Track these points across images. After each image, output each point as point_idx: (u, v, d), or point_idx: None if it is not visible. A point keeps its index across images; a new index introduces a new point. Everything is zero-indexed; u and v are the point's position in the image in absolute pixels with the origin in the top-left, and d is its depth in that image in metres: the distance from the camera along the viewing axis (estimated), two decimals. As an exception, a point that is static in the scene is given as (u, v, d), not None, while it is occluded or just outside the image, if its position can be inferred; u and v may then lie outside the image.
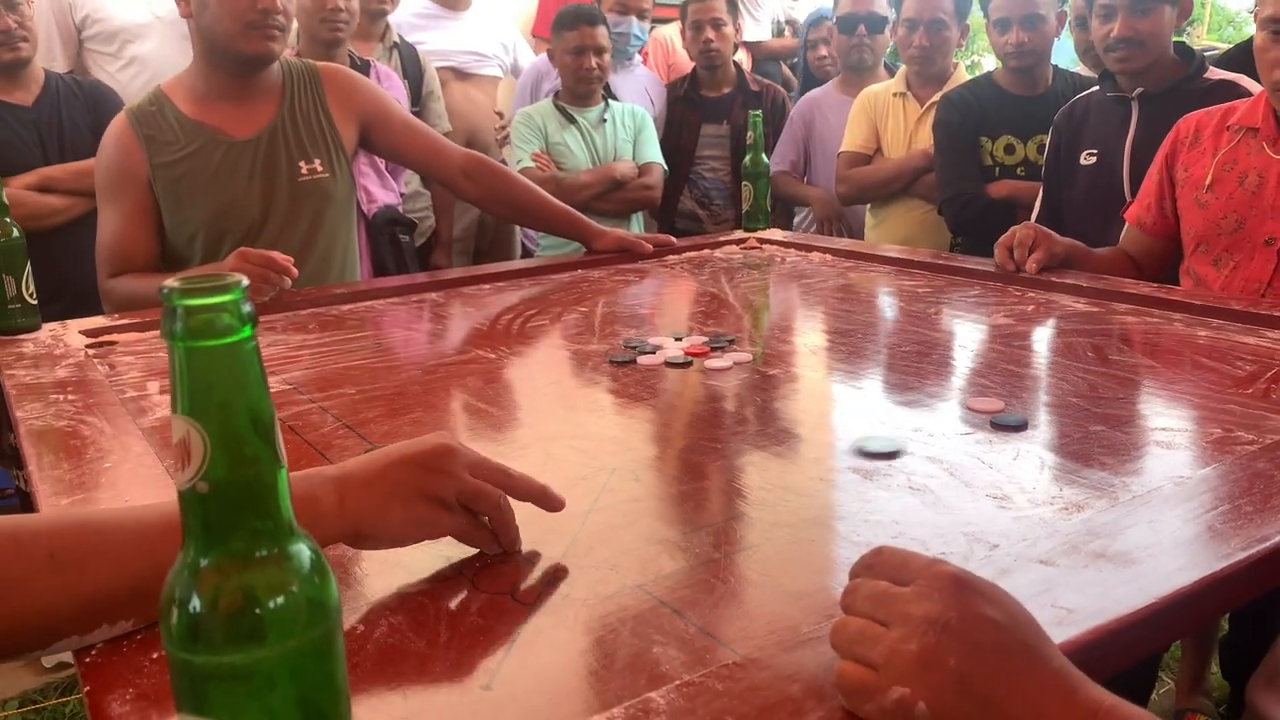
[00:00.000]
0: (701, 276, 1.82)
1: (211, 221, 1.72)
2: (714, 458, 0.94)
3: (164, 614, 0.36)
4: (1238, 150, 1.58)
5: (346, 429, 1.04)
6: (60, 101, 2.33)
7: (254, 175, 1.73)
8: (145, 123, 1.71)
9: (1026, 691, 0.50)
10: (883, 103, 2.67)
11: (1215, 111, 1.66)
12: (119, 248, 1.70)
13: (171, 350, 0.35)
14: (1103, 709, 0.49)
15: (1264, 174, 1.53)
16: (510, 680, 0.59)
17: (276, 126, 1.76)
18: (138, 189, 1.70)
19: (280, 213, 1.75)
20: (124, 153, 1.70)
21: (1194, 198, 1.62)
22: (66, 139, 2.31)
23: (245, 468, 0.35)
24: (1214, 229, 1.58)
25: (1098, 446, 0.93)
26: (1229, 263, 1.58)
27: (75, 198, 2.25)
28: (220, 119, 1.73)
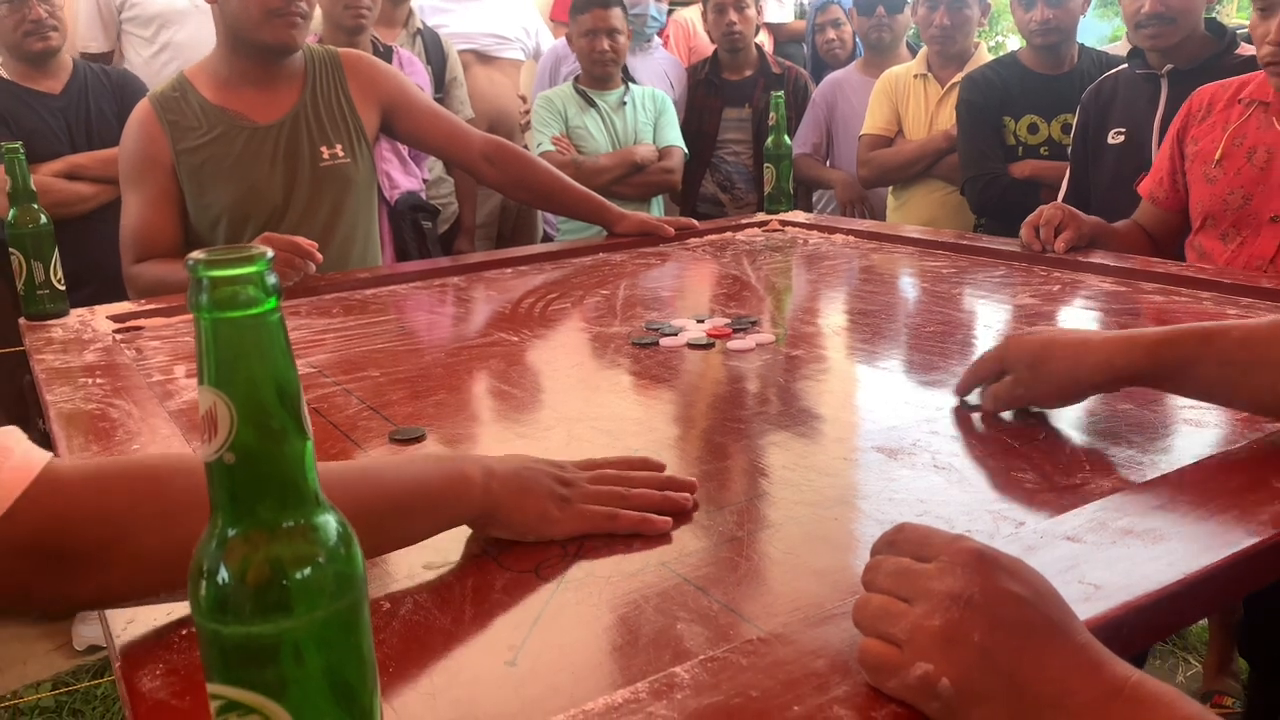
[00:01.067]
0: (723, 259, 1.81)
1: (234, 207, 1.73)
2: (736, 438, 0.94)
3: (192, 585, 0.37)
4: (1247, 125, 1.57)
5: (371, 411, 1.04)
6: (88, 90, 2.35)
7: (276, 161, 1.74)
8: (169, 108, 1.72)
9: (1050, 666, 0.49)
10: (904, 84, 2.64)
11: (1230, 84, 1.64)
12: (143, 233, 1.71)
13: (197, 321, 0.35)
14: (1129, 684, 0.48)
15: (1272, 150, 1.53)
16: (534, 656, 0.59)
17: (299, 112, 1.77)
18: (162, 174, 1.71)
19: (302, 198, 1.76)
20: (148, 138, 1.71)
21: (1203, 172, 1.62)
22: (94, 127, 2.33)
23: (271, 439, 0.36)
24: (1221, 204, 1.58)
25: (1125, 425, 0.92)
26: (1235, 238, 1.57)
27: (102, 185, 2.27)
28: (243, 105, 1.74)
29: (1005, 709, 0.49)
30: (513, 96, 3.11)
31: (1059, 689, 0.49)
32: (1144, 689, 0.48)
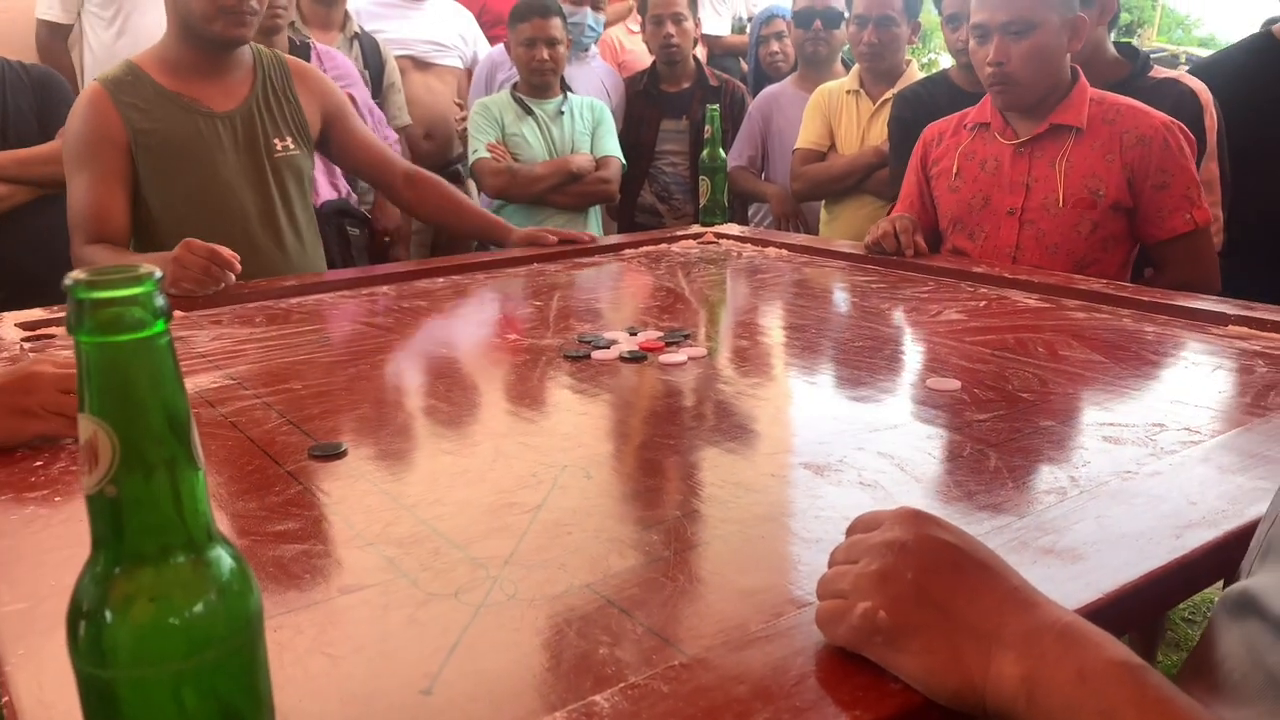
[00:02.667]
0: (658, 271, 1.80)
1: (196, 191, 1.74)
2: (667, 454, 0.93)
3: (70, 627, 0.34)
4: (975, 143, 1.84)
5: (291, 425, 1.01)
6: (6, 88, 2.25)
7: (236, 147, 1.77)
8: (122, 90, 1.71)
9: (984, 601, 0.53)
10: (836, 100, 2.67)
11: (952, 118, 1.92)
12: (92, 212, 1.67)
13: (77, 345, 0.33)
14: (1061, 622, 0.51)
15: (999, 158, 1.78)
16: (451, 684, 0.58)
17: (252, 103, 1.80)
18: (115, 154, 1.69)
19: (261, 185, 1.80)
20: (101, 118, 1.68)
21: (946, 186, 1.87)
22: (10, 126, 2.24)
23: (158, 470, 0.34)
24: (966, 208, 1.82)
25: (1046, 442, 0.93)
26: (981, 235, 1.80)
27: (15, 186, 2.18)
28: (197, 92, 1.75)
29: (942, 639, 0.52)
30: (449, 103, 3.08)
31: (994, 622, 0.52)
32: (1077, 627, 0.51)
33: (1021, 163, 1.74)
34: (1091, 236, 1.69)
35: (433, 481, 0.88)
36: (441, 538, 0.76)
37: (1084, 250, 1.69)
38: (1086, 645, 0.49)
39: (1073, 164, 1.69)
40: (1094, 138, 1.69)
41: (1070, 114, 1.70)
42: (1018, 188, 1.75)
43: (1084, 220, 1.68)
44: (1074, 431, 0.96)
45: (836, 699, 0.53)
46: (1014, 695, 0.50)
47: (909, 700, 0.53)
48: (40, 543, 0.75)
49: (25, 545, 0.74)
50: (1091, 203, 1.67)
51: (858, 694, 0.53)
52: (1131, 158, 1.65)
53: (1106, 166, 1.67)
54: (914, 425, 0.98)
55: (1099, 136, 1.68)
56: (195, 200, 1.74)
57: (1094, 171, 1.67)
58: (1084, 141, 1.69)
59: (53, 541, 0.75)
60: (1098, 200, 1.67)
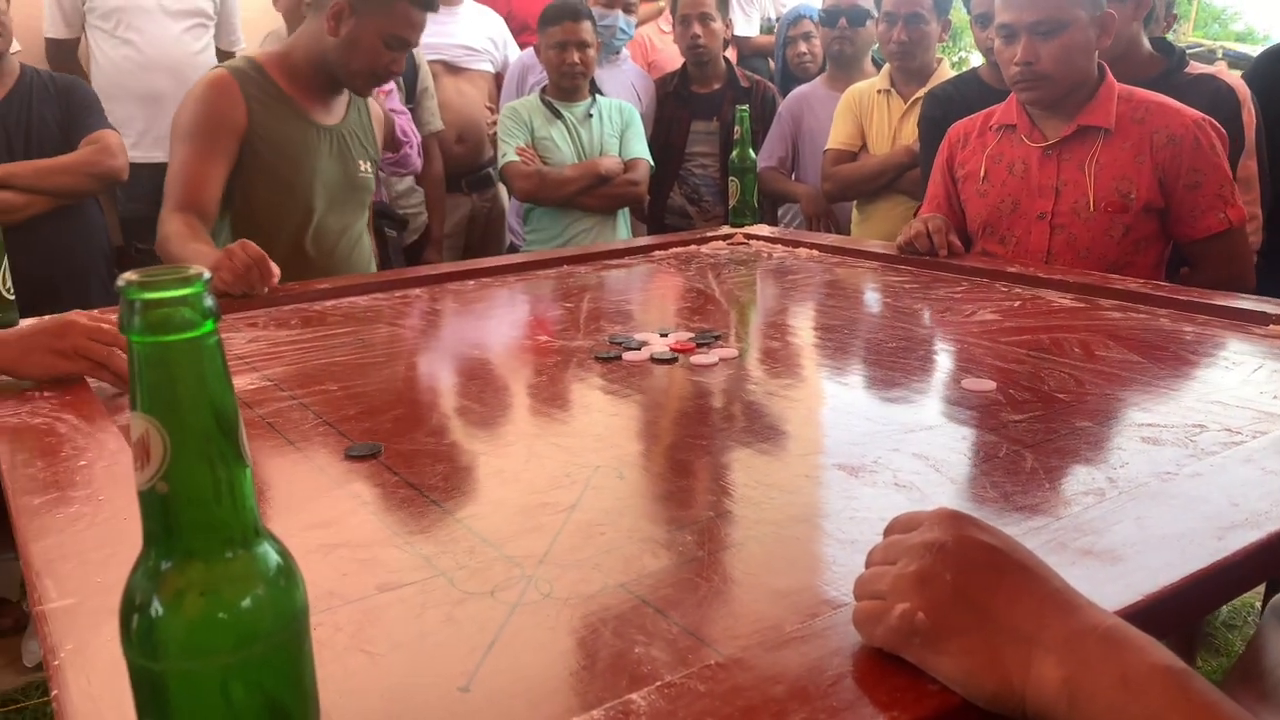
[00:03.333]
0: (688, 272, 1.81)
1: (289, 191, 1.84)
2: (699, 455, 0.93)
3: (123, 619, 0.35)
4: (1002, 145, 1.81)
5: (327, 426, 1.02)
6: (32, 97, 2.28)
7: (332, 161, 1.90)
8: (248, 82, 1.81)
9: (1025, 603, 0.52)
10: (867, 99, 2.66)
11: (978, 117, 1.89)
12: (191, 178, 1.75)
13: (130, 344, 0.33)
14: (1104, 626, 0.50)
15: (1027, 160, 1.76)
16: (488, 682, 0.58)
17: (347, 125, 1.94)
18: (230, 137, 1.77)
19: (343, 199, 1.93)
20: (229, 103, 1.77)
21: (974, 189, 1.84)
22: (33, 135, 2.27)
23: (207, 467, 0.34)
24: (995, 212, 1.80)
25: (1084, 443, 0.92)
26: (1011, 239, 1.78)
27: (33, 195, 2.21)
28: (307, 103, 1.87)
29: (981, 641, 0.51)
30: (481, 107, 3.09)
31: (1034, 624, 0.51)
32: (1120, 631, 0.50)
33: (1050, 166, 1.72)
34: (1124, 240, 1.67)
35: (467, 482, 0.88)
36: (477, 537, 0.76)
37: (1116, 254, 1.67)
38: (1130, 649, 0.49)
39: (1102, 166, 1.67)
40: (1123, 138, 1.67)
41: (1098, 114, 1.68)
42: (1047, 191, 1.73)
43: (1115, 224, 1.66)
44: (1111, 432, 0.95)
45: (874, 699, 0.53)
46: (1055, 699, 0.49)
47: (947, 701, 0.52)
48: (84, 541, 0.76)
49: (70, 543, 0.75)
50: (1123, 206, 1.65)
51: (895, 695, 0.53)
52: (1162, 158, 1.63)
53: (1137, 168, 1.65)
54: (949, 426, 0.98)
55: (1128, 137, 1.66)
56: (291, 196, 1.85)
57: (1124, 173, 1.65)
58: (1113, 142, 1.67)
59: (96, 540, 0.76)
60: (1129, 203, 1.65)
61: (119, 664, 0.58)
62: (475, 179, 3.07)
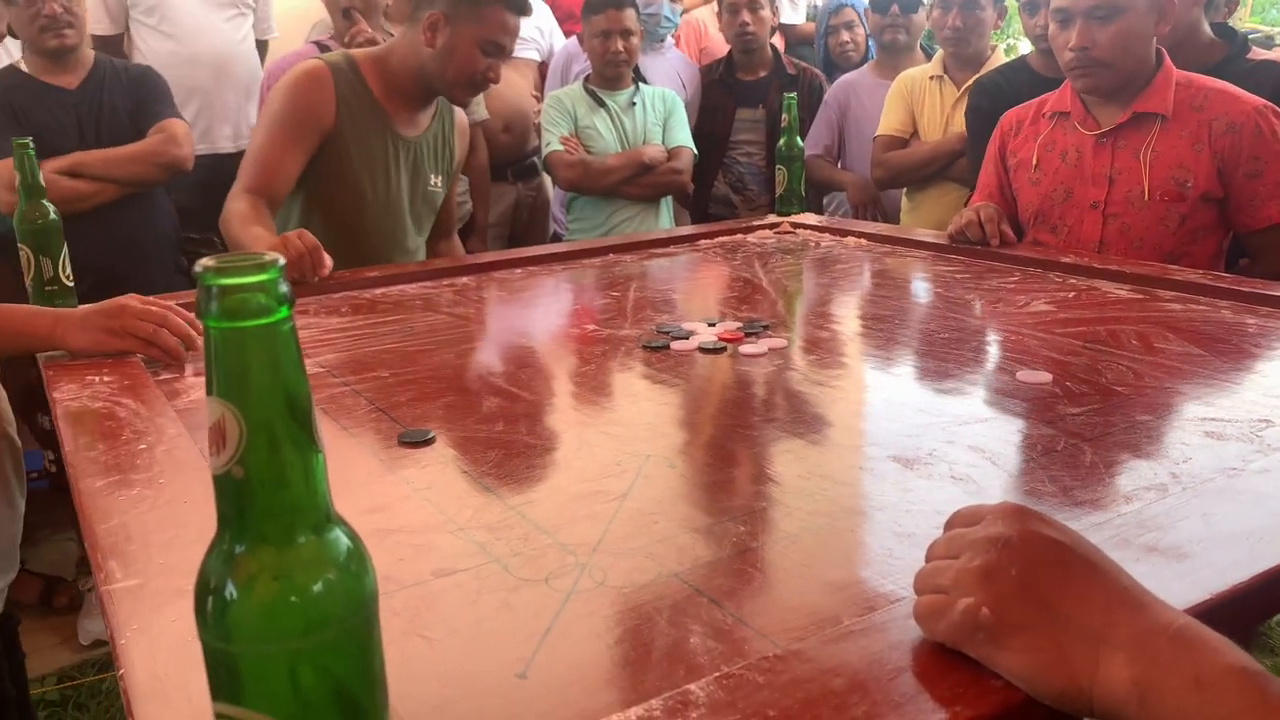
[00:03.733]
0: (734, 261, 1.80)
1: (359, 195, 1.84)
2: (749, 445, 0.93)
3: (198, 601, 0.36)
4: (1055, 133, 1.78)
5: (379, 412, 1.03)
6: (104, 87, 2.33)
7: (404, 172, 1.89)
8: (343, 81, 1.81)
9: (1094, 600, 0.51)
10: (919, 86, 2.62)
11: (1030, 105, 1.85)
12: (266, 163, 1.76)
13: (206, 330, 0.34)
14: (1175, 625, 0.49)
15: (1080, 148, 1.73)
16: (545, 668, 0.58)
17: (426, 138, 1.93)
18: (314, 133, 1.78)
19: (410, 210, 1.93)
20: (322, 97, 1.78)
21: (1027, 178, 1.81)
22: (104, 124, 2.31)
23: (282, 452, 0.35)
24: (1048, 201, 1.77)
25: (1144, 437, 0.90)
26: (1063, 228, 1.75)
27: (103, 184, 2.25)
28: (394, 111, 1.86)
29: (1048, 638, 0.51)
30: (527, 96, 3.10)
31: (1103, 622, 0.50)
32: (1191, 630, 0.49)
33: (1104, 154, 1.69)
34: (1180, 229, 1.63)
35: (519, 469, 0.89)
36: (530, 524, 0.76)
37: (1172, 244, 1.63)
38: (1203, 649, 0.48)
39: (1158, 154, 1.63)
40: (1181, 125, 1.62)
41: (1154, 101, 1.64)
42: (1100, 180, 1.69)
43: (1171, 213, 1.62)
44: (1173, 426, 0.93)
45: (935, 694, 0.52)
46: (1124, 699, 0.48)
47: (1010, 698, 0.52)
48: (146, 523, 0.78)
49: (133, 525, 0.77)
50: (1179, 194, 1.61)
51: (957, 690, 0.52)
52: (1222, 146, 1.59)
53: (1195, 156, 1.61)
54: (1004, 419, 0.96)
55: (1186, 124, 1.62)
56: (357, 201, 1.84)
57: (1181, 161, 1.61)
58: (1170, 130, 1.63)
59: (158, 523, 0.78)
60: (1185, 192, 1.61)
61: (183, 644, 0.59)
62: (521, 168, 3.08)
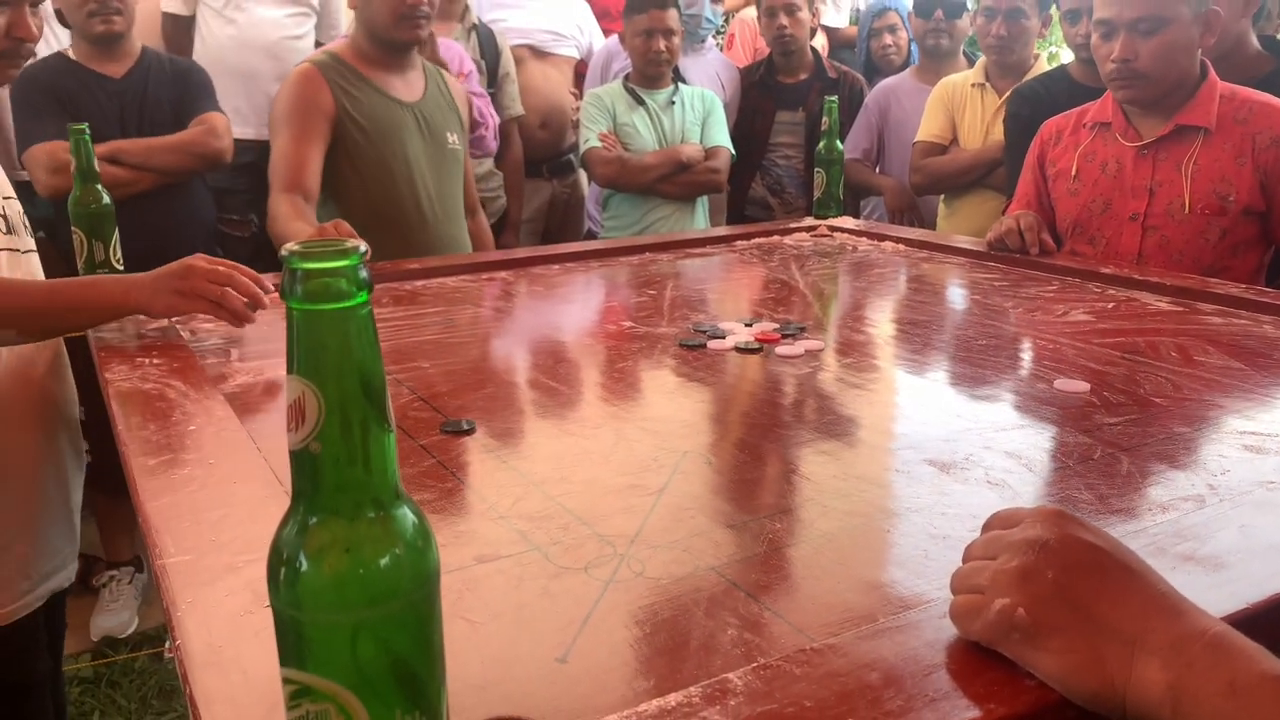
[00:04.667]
0: (771, 263, 1.80)
1: (387, 168, 1.91)
2: (786, 445, 0.94)
3: (271, 570, 0.37)
4: (1095, 143, 1.76)
5: (421, 402, 1.05)
6: (149, 77, 2.36)
7: (422, 135, 1.97)
8: (330, 71, 1.90)
9: (1130, 605, 0.51)
10: (960, 93, 2.62)
11: (1071, 114, 1.84)
12: (293, 161, 1.84)
13: (289, 311, 0.35)
14: (1211, 632, 0.49)
15: (1120, 160, 1.71)
16: (585, 654, 0.60)
17: (429, 99, 2.01)
18: (321, 120, 1.87)
19: (438, 170, 2.00)
20: (315, 90, 1.88)
21: (1065, 188, 1.80)
22: (146, 114, 2.34)
23: (356, 430, 0.36)
24: (1086, 212, 1.75)
25: (1181, 448, 0.90)
26: (1101, 240, 1.74)
27: (141, 172, 2.28)
28: (386, 83, 1.95)
29: (1083, 641, 0.51)
30: (565, 92, 3.12)
31: (1139, 626, 0.50)
32: (1228, 637, 0.49)
33: (1145, 166, 1.67)
34: (1220, 243, 1.61)
35: (558, 461, 0.90)
36: (570, 514, 0.78)
37: (1212, 258, 1.62)
38: (1239, 656, 0.48)
39: (1200, 167, 1.62)
40: (1224, 139, 1.61)
41: (1197, 113, 1.63)
42: (1140, 192, 1.67)
43: (1212, 227, 1.61)
44: (1211, 438, 0.93)
45: (970, 692, 0.53)
46: (1158, 703, 0.49)
47: (1044, 697, 0.52)
48: (197, 502, 0.80)
49: (184, 503, 0.79)
50: (1220, 208, 1.60)
51: (992, 688, 0.53)
52: (1266, 160, 1.58)
53: (1237, 169, 1.59)
54: (1041, 426, 0.97)
55: (1229, 137, 1.61)
56: (385, 175, 1.92)
57: (1224, 175, 1.60)
58: (1213, 143, 1.62)
59: (208, 501, 0.80)
60: (1227, 206, 1.59)
61: (236, 617, 0.61)
62: (557, 164, 3.10)
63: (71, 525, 1.44)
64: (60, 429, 1.42)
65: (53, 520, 1.38)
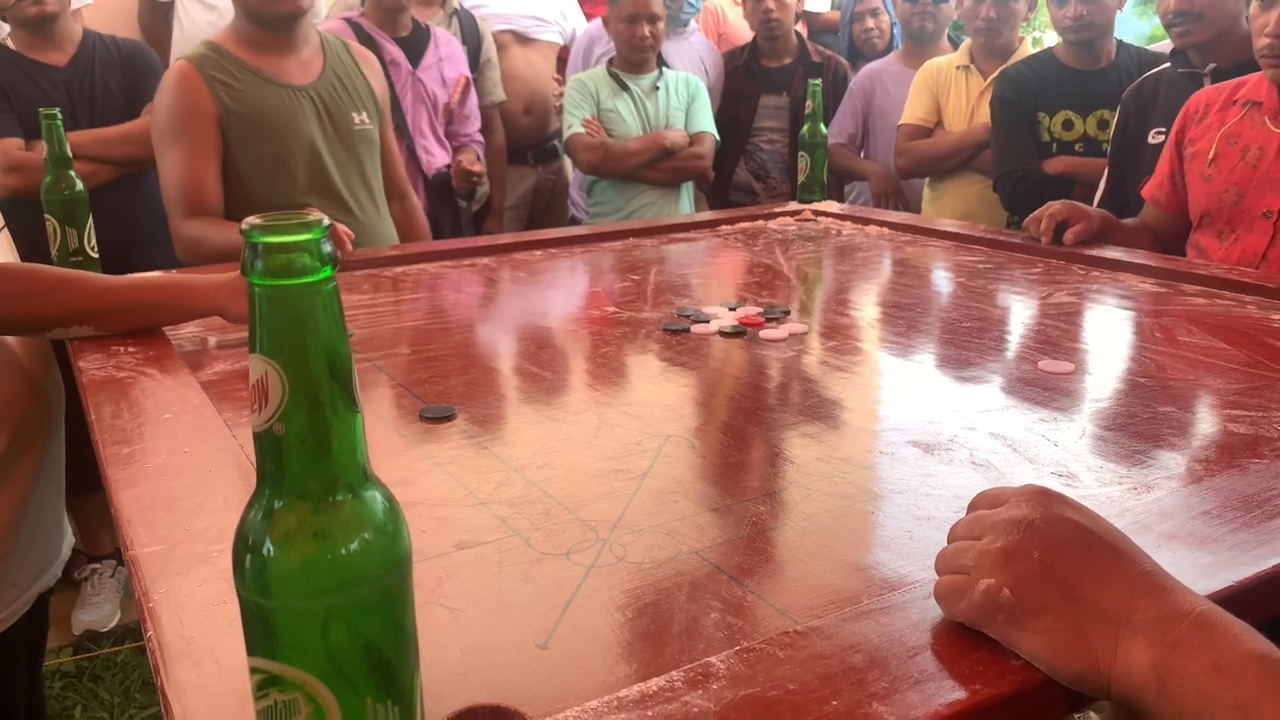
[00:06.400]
0: (755, 247, 1.79)
1: (286, 161, 1.80)
2: (770, 428, 0.93)
3: (236, 556, 0.36)
4: (1242, 124, 1.57)
5: (401, 388, 1.04)
6: (94, 63, 2.29)
7: (320, 119, 1.84)
8: (209, 65, 1.77)
9: (1114, 584, 0.51)
10: (945, 76, 2.61)
11: (1225, 87, 1.65)
12: (189, 184, 1.74)
13: (251, 288, 0.34)
14: (1196, 611, 0.49)
15: (1264, 147, 1.53)
16: (566, 640, 0.59)
17: (327, 78, 1.87)
18: (207, 127, 1.74)
19: (345, 155, 1.87)
20: (191, 92, 1.74)
21: (1199, 172, 1.62)
22: (97, 102, 2.27)
23: (322, 411, 0.35)
24: (1216, 202, 1.58)
25: (1166, 427, 0.90)
26: (1230, 235, 1.57)
27: (97, 165, 2.22)
28: (275, 68, 1.81)
29: (1068, 620, 0.51)
30: (549, 78, 3.10)
31: (1123, 605, 0.50)
32: (1213, 616, 0.49)
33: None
34: None
35: (540, 446, 0.89)
36: (551, 500, 0.77)
37: None
38: (1223, 635, 0.48)
39: None
40: None
41: None
42: (1279, 186, 1.49)
43: None
44: (1197, 418, 0.93)
45: (955, 672, 0.52)
46: (1143, 683, 0.48)
47: (1030, 677, 0.52)
48: (172, 491, 0.78)
49: (159, 492, 0.78)
50: None
51: (977, 669, 0.52)
52: None
53: None
54: (1026, 407, 0.96)
55: None
56: (284, 170, 1.81)
57: None
58: None
59: (183, 490, 0.78)
60: None
61: (209, 607, 0.60)
62: (541, 151, 3.08)
63: (61, 522, 1.41)
64: (55, 424, 1.39)
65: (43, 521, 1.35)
